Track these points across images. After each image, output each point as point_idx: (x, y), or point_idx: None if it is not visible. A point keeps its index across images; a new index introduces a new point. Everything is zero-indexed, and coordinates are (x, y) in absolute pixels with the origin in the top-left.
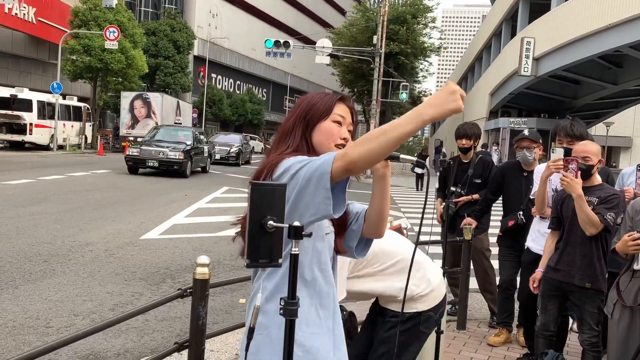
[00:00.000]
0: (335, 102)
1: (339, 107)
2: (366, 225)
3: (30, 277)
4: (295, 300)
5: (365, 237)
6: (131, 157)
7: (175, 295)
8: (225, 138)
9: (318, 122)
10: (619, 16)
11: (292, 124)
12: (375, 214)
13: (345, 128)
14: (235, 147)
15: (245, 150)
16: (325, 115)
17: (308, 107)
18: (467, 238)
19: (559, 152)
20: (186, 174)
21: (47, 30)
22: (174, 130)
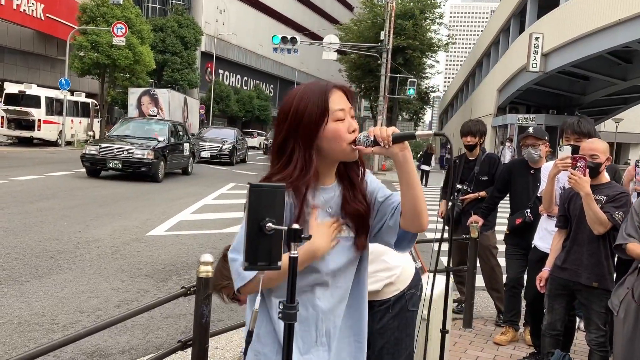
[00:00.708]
0: (327, 96)
1: (334, 100)
2: (403, 220)
3: (36, 273)
4: (294, 304)
5: (406, 230)
6: (89, 157)
7: (179, 294)
8: (217, 133)
9: (318, 130)
10: (628, 12)
11: (285, 139)
12: (410, 205)
13: (349, 117)
14: (229, 144)
15: (240, 148)
16: (323, 118)
17: (298, 116)
18: (473, 236)
19: (566, 150)
20: (157, 178)
21: (55, 26)
22: (146, 124)
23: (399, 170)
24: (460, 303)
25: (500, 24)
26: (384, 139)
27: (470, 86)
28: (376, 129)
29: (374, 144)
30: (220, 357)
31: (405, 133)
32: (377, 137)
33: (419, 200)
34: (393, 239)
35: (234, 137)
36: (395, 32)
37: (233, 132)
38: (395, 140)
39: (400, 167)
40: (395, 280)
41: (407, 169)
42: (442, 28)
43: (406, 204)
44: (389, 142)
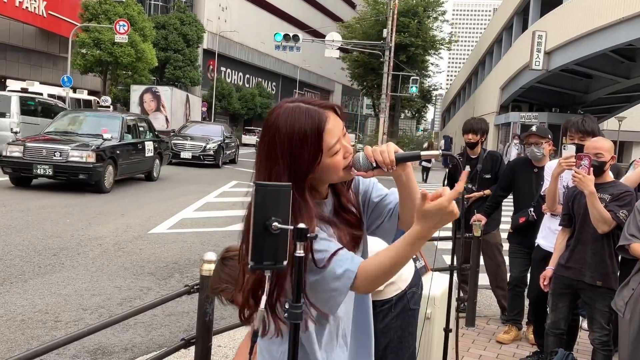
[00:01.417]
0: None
1: (328, 131)
2: (401, 222)
3: (39, 270)
4: (299, 304)
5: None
6: (10, 161)
7: (182, 292)
8: (201, 130)
9: (311, 168)
10: (632, 10)
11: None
12: (409, 214)
13: (343, 141)
14: (214, 143)
15: (229, 146)
16: (316, 157)
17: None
18: (476, 234)
19: (570, 149)
20: (102, 187)
21: (57, 23)
22: (94, 117)
23: (402, 187)
24: (464, 301)
25: (503, 22)
26: (387, 165)
27: (473, 84)
28: (375, 151)
29: (375, 167)
30: (223, 355)
31: (409, 154)
32: (380, 163)
33: None
34: (390, 240)
35: (221, 134)
36: (397, 30)
37: (220, 128)
38: (399, 162)
39: (403, 185)
40: (397, 279)
41: (411, 185)
42: (445, 25)
43: (407, 212)
44: (392, 166)
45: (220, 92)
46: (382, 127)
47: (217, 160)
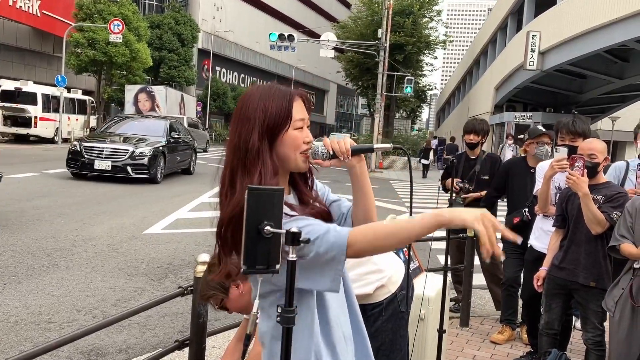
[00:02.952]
0: (293, 102)
1: (296, 108)
2: (354, 223)
3: (33, 271)
4: (292, 308)
5: None
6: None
7: (176, 294)
8: (132, 127)
9: (279, 134)
10: (625, 10)
11: (257, 140)
12: (361, 215)
13: (306, 128)
14: (149, 147)
15: (177, 151)
16: (286, 124)
17: (265, 116)
18: (470, 235)
19: (562, 152)
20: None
21: (51, 23)
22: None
23: (355, 181)
24: (458, 302)
25: (497, 22)
26: (343, 153)
27: (468, 84)
28: (333, 142)
29: (332, 157)
30: (217, 356)
31: (363, 146)
32: (336, 151)
33: (372, 206)
34: None
35: (164, 132)
36: (392, 30)
37: (163, 124)
38: (354, 153)
39: (357, 178)
40: (387, 282)
41: (364, 180)
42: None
43: (359, 212)
44: (348, 155)
45: (215, 92)
46: (377, 127)
47: (152, 171)
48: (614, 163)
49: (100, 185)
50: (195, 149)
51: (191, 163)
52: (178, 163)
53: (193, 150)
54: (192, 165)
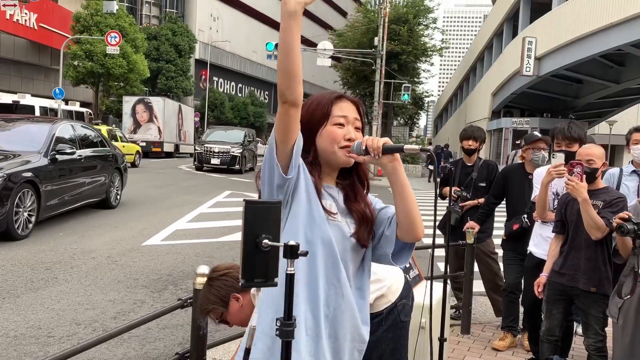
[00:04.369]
0: (333, 103)
1: (338, 107)
2: (399, 230)
3: (32, 285)
4: (291, 321)
5: (403, 241)
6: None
7: (176, 306)
8: None
9: (318, 129)
10: (620, 15)
11: None
12: (403, 215)
13: (350, 126)
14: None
15: (82, 172)
16: (324, 120)
17: (307, 115)
18: (469, 242)
19: (559, 157)
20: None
21: (48, 36)
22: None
23: (390, 180)
24: (458, 309)
25: (493, 28)
26: (374, 150)
27: (465, 90)
28: (368, 138)
29: (366, 152)
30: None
31: (394, 145)
32: (369, 147)
33: (413, 209)
34: (390, 249)
35: (44, 147)
36: (389, 38)
37: (46, 132)
38: (385, 152)
39: (390, 177)
40: (386, 292)
41: (397, 180)
42: (436, 32)
43: (400, 214)
44: (378, 152)
45: (213, 102)
46: (374, 134)
47: None
48: (608, 170)
49: None
50: (122, 167)
51: (111, 190)
52: (76, 195)
53: (117, 170)
54: (113, 193)
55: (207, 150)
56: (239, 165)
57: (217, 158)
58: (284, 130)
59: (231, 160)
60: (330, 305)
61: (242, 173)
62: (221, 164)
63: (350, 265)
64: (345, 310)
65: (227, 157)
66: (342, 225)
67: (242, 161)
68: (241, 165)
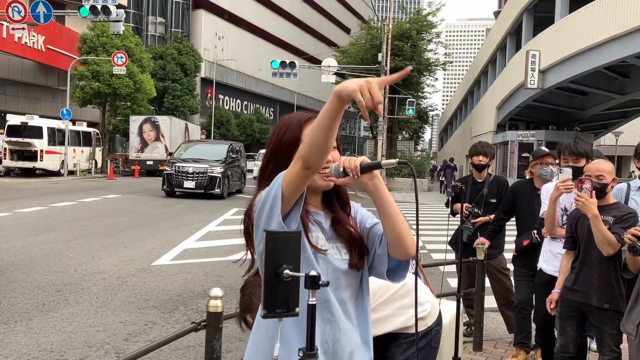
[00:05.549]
0: (303, 125)
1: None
2: (389, 247)
3: (43, 307)
4: (314, 352)
5: (395, 258)
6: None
7: (189, 329)
8: None
9: (291, 155)
10: (623, 27)
11: (266, 162)
12: (390, 233)
13: None
14: None
15: None
16: (295, 144)
17: (276, 140)
18: (480, 258)
19: (567, 172)
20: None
21: (56, 57)
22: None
23: (372, 198)
24: (470, 326)
25: (496, 42)
26: (352, 170)
27: (469, 104)
28: (344, 159)
29: (344, 174)
30: None
31: (372, 163)
32: (346, 168)
33: (400, 225)
34: (384, 268)
35: None
36: (392, 53)
37: None
38: (363, 170)
39: (372, 195)
40: (426, 316)
41: (380, 197)
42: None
43: (387, 231)
44: (357, 172)
45: (219, 120)
46: (380, 149)
47: None
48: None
49: (108, 217)
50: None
51: None
52: None
53: None
54: None
55: (178, 171)
56: (219, 188)
57: (191, 180)
58: (296, 189)
59: (209, 183)
60: (329, 341)
61: (225, 198)
62: (197, 187)
63: (347, 291)
64: (345, 342)
65: (204, 179)
66: (331, 256)
67: (224, 183)
68: (223, 189)
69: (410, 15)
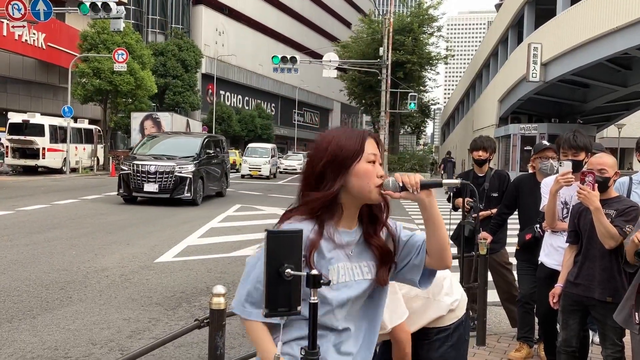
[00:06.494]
0: (365, 139)
1: (369, 144)
2: (429, 258)
3: (47, 305)
4: (316, 350)
5: (429, 268)
6: None
7: (193, 327)
8: None
9: (351, 166)
10: (625, 19)
11: (322, 168)
12: (436, 246)
13: (378, 164)
14: None
15: None
16: (357, 156)
17: (337, 149)
18: (482, 253)
19: (567, 165)
20: None
21: (56, 55)
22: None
23: (426, 213)
24: (473, 320)
25: (498, 35)
26: (413, 186)
27: (471, 97)
28: (404, 176)
29: (402, 189)
30: None
31: (432, 181)
32: (406, 184)
33: (446, 240)
34: (417, 277)
35: None
36: (393, 48)
37: None
38: (423, 187)
39: (427, 211)
40: (456, 307)
41: (434, 212)
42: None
43: (433, 244)
44: (417, 189)
45: (220, 116)
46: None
47: None
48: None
49: (110, 215)
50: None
51: None
52: None
53: None
54: None
55: (138, 170)
56: (190, 192)
57: (153, 182)
58: None
59: (177, 186)
60: None
61: (198, 204)
62: (161, 191)
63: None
64: None
65: (169, 181)
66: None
67: (197, 186)
68: (195, 192)
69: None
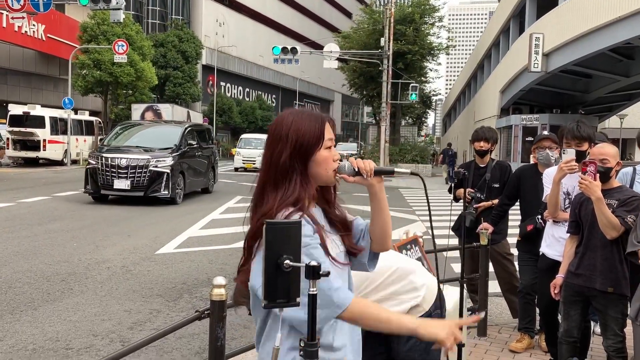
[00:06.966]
0: (325, 124)
1: (326, 129)
2: (372, 242)
3: (48, 297)
4: (315, 342)
5: (373, 251)
6: None
7: (193, 318)
8: None
9: (313, 153)
10: (628, 8)
11: (288, 160)
12: (378, 230)
13: (333, 147)
14: None
15: None
16: (317, 144)
17: (298, 137)
18: (483, 243)
19: (570, 153)
20: None
21: (57, 46)
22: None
23: (374, 198)
24: (474, 311)
25: (499, 25)
26: (367, 172)
27: (473, 88)
28: (359, 161)
29: (356, 174)
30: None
31: (386, 168)
32: (361, 169)
33: (389, 224)
34: (366, 259)
35: None
36: (395, 38)
37: None
38: (376, 174)
39: (376, 196)
40: (421, 301)
41: (381, 197)
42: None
43: (377, 228)
44: (370, 174)
45: (221, 107)
46: (383, 135)
47: None
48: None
49: (111, 206)
50: None
51: None
52: None
53: None
54: None
55: (107, 164)
56: (167, 189)
57: (124, 178)
58: None
59: (153, 182)
60: None
61: (178, 203)
62: (133, 188)
63: None
64: None
65: (143, 176)
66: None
67: (176, 182)
68: (173, 189)
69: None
